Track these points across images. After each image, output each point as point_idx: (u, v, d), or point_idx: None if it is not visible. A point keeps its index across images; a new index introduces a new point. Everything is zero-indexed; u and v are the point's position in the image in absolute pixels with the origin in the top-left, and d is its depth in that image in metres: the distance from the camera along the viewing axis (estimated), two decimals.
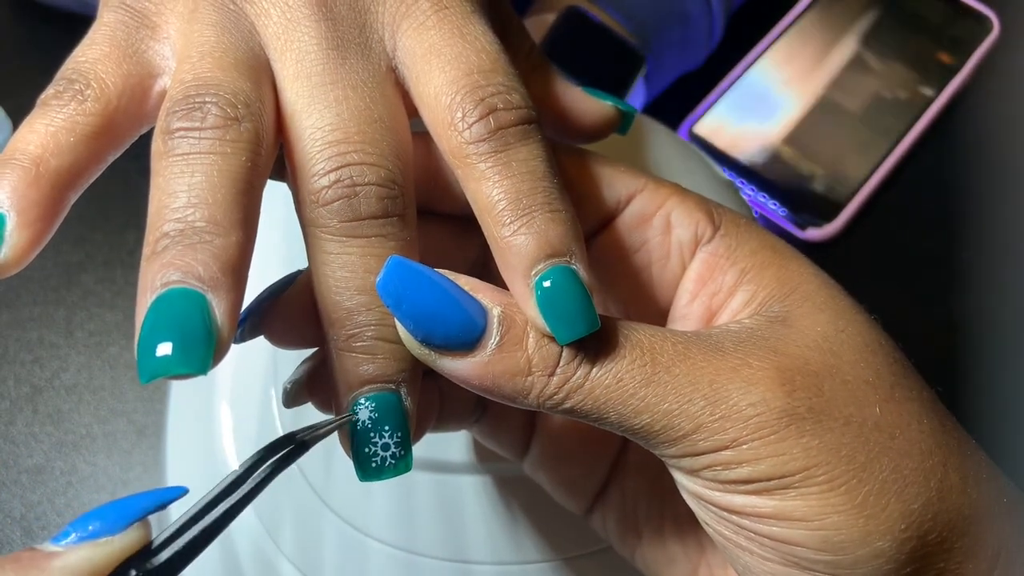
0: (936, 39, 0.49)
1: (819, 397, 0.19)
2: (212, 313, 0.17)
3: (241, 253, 0.18)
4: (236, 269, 0.18)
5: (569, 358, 0.19)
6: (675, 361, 0.19)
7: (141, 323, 0.17)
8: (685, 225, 0.22)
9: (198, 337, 0.17)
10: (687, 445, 0.19)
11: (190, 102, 0.19)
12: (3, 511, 0.38)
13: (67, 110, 0.19)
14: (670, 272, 0.23)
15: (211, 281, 0.17)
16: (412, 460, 0.19)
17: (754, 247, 0.22)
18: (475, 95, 0.19)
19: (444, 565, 0.29)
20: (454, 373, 0.19)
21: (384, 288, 0.19)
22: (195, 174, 0.18)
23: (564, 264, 0.19)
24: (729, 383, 0.19)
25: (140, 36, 0.20)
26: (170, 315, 0.17)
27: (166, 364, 0.17)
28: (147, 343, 0.17)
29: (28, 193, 0.18)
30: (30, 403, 0.41)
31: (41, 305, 0.43)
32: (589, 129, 0.24)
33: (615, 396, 0.19)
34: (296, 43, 0.20)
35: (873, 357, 0.20)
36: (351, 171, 0.19)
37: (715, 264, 0.22)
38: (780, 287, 0.21)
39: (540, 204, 0.19)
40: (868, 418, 0.19)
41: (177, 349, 0.17)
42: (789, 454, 0.19)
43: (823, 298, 0.21)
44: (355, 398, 0.19)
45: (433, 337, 0.19)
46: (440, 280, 0.19)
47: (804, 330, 0.20)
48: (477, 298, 0.19)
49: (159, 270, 0.17)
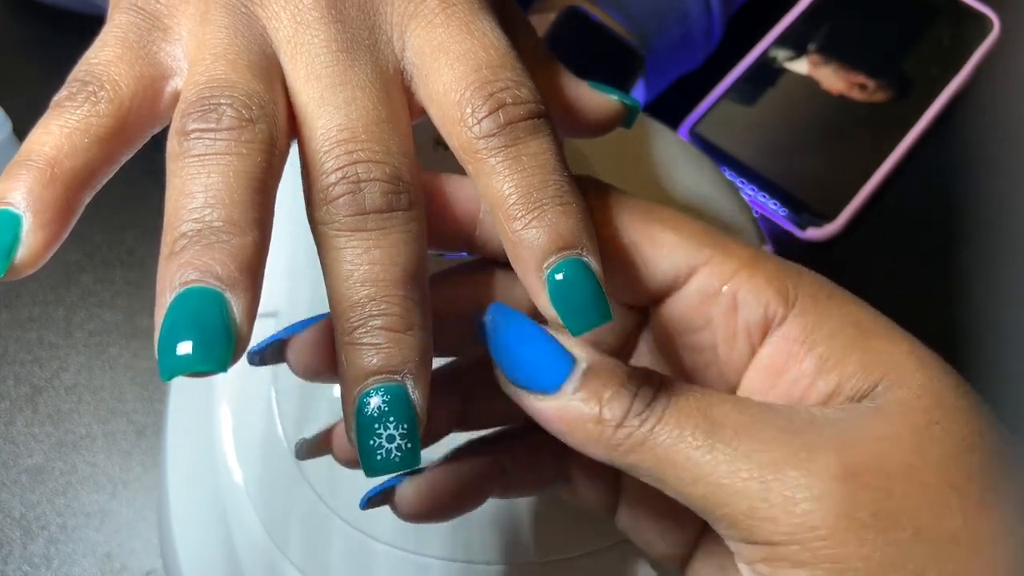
0: (936, 39, 0.49)
1: (888, 501, 0.17)
2: (231, 311, 0.17)
3: (257, 252, 0.18)
4: (253, 268, 0.18)
5: (638, 411, 0.19)
6: (738, 433, 0.18)
7: (161, 322, 0.17)
8: (753, 306, 0.20)
9: (218, 335, 0.17)
10: (743, 530, 0.18)
11: (205, 104, 0.19)
12: (3, 511, 0.38)
13: (81, 112, 0.19)
14: (737, 356, 0.21)
15: (229, 280, 0.18)
16: (420, 455, 0.19)
17: (833, 328, 0.20)
18: (484, 90, 0.20)
19: (450, 566, 0.29)
20: (534, 410, 0.20)
21: (484, 328, 0.20)
22: (212, 175, 0.18)
23: (576, 256, 0.19)
24: (791, 469, 0.17)
25: (152, 38, 0.20)
26: (189, 314, 0.17)
27: (187, 362, 0.17)
28: (167, 342, 0.17)
29: (43, 195, 0.18)
30: (30, 403, 0.41)
31: (41, 305, 0.43)
32: (595, 124, 0.24)
33: (673, 458, 0.18)
34: (306, 46, 0.20)
35: (968, 456, 0.18)
36: (357, 168, 0.19)
37: (789, 351, 0.20)
38: (866, 376, 0.19)
39: (551, 197, 0.19)
40: (945, 529, 0.17)
41: (197, 347, 0.17)
42: (847, 563, 0.17)
43: (920, 382, 0.19)
44: (361, 391, 0.19)
45: (519, 378, 0.20)
46: (533, 327, 0.20)
47: (891, 422, 0.18)
48: (567, 347, 0.20)
49: (177, 270, 0.18)
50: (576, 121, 0.24)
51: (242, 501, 0.30)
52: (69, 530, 0.38)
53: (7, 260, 0.18)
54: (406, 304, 0.19)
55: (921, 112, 0.47)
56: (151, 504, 0.38)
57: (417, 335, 0.19)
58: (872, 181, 0.45)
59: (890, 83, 0.48)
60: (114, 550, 0.37)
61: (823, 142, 0.46)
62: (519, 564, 0.29)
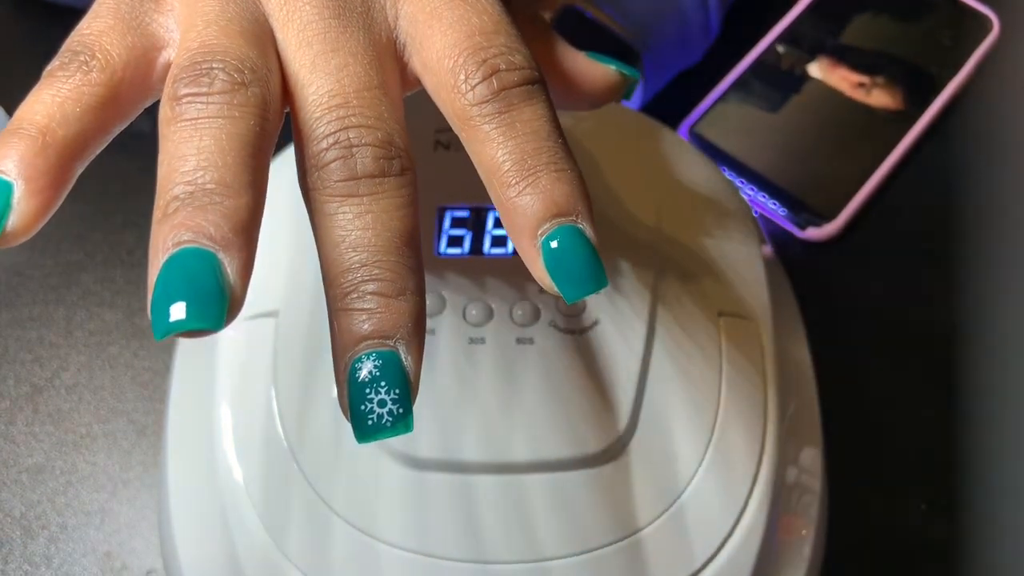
0: (936, 39, 0.49)
1: None
2: (224, 271, 0.17)
3: (251, 215, 0.18)
4: (247, 229, 0.18)
5: None
6: None
7: (154, 283, 0.17)
8: None
9: (211, 294, 0.17)
10: None
11: (197, 68, 0.19)
12: (3, 511, 0.38)
13: (72, 81, 0.19)
14: None
15: (222, 240, 0.18)
16: (412, 420, 0.19)
17: None
18: (477, 56, 0.20)
19: (451, 566, 0.29)
20: None
21: None
22: (204, 138, 0.18)
23: (571, 223, 0.19)
24: None
25: (144, 9, 0.21)
26: (183, 274, 0.17)
27: (180, 321, 0.17)
28: (160, 302, 0.17)
29: (35, 162, 0.18)
30: (30, 403, 0.41)
31: (41, 305, 0.43)
32: (593, 94, 0.24)
33: None
34: (298, 12, 0.20)
35: None
36: (349, 133, 0.19)
37: None
38: None
39: (545, 164, 0.19)
40: None
41: (191, 306, 0.17)
42: None
43: None
44: (352, 357, 0.19)
45: None
46: None
47: None
48: None
49: (170, 231, 0.18)
50: (574, 91, 0.24)
51: (242, 501, 0.30)
52: (69, 529, 0.38)
53: None
54: (399, 269, 0.19)
55: (921, 112, 0.47)
56: (151, 504, 0.38)
57: (410, 300, 0.19)
58: (872, 181, 0.45)
59: (890, 83, 0.48)
60: (114, 549, 0.37)
61: (823, 142, 0.46)
62: (519, 564, 0.29)
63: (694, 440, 0.30)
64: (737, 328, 0.33)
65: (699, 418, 0.31)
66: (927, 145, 0.47)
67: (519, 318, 0.31)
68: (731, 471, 0.30)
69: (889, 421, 0.40)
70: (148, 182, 0.19)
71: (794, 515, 0.32)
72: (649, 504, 0.30)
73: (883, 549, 0.37)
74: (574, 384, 0.30)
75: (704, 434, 0.31)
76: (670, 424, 0.30)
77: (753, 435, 0.31)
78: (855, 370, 0.41)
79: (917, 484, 0.38)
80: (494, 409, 0.30)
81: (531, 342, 0.31)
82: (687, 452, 0.30)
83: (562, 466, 0.29)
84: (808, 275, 0.41)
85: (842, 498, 0.35)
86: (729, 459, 0.30)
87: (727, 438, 0.31)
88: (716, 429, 0.31)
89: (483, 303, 0.31)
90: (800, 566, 0.32)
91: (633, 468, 0.30)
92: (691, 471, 0.30)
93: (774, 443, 0.31)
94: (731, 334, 0.33)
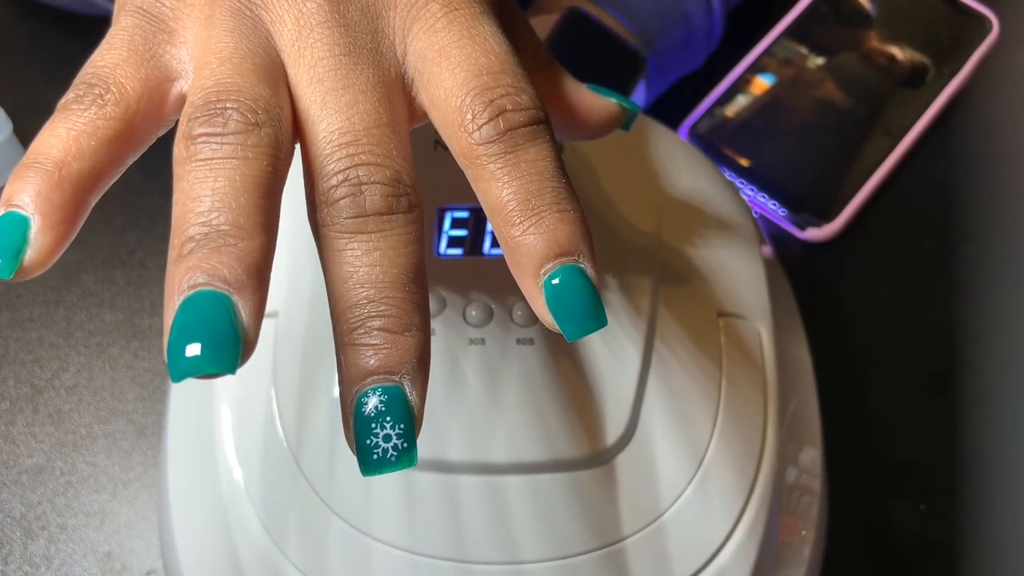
0: (936, 39, 0.49)
1: None
2: (238, 314, 0.18)
3: (264, 255, 0.19)
4: (260, 271, 0.18)
5: None
6: None
7: (170, 325, 0.18)
8: None
9: (226, 337, 0.17)
10: None
11: (211, 108, 0.19)
12: (3, 511, 0.38)
13: (88, 114, 0.19)
14: None
15: (236, 283, 0.18)
16: (416, 455, 0.19)
17: None
18: (484, 97, 0.20)
19: (450, 566, 0.29)
20: None
21: None
22: (218, 179, 0.18)
23: (572, 263, 0.20)
24: None
25: (157, 41, 0.21)
26: (198, 316, 0.17)
27: (196, 364, 0.17)
28: (177, 344, 0.17)
29: (52, 196, 0.19)
30: (30, 403, 0.41)
31: (41, 305, 0.43)
32: (594, 126, 0.24)
33: None
34: (310, 49, 0.21)
35: None
36: (359, 171, 0.19)
37: None
38: None
39: (549, 204, 0.20)
40: None
41: (206, 350, 0.17)
42: None
43: None
44: (359, 391, 0.19)
45: None
46: None
47: None
48: None
49: (185, 273, 0.18)
50: (575, 124, 0.24)
51: (242, 501, 0.30)
52: (69, 530, 0.38)
53: (16, 261, 0.19)
54: (405, 306, 0.19)
55: (921, 112, 0.47)
56: (151, 504, 0.38)
57: (415, 336, 0.19)
58: (872, 181, 0.45)
59: (890, 83, 0.48)
60: (114, 550, 0.37)
61: (823, 142, 0.46)
62: (519, 564, 0.29)
63: (694, 440, 0.30)
64: (737, 328, 0.33)
65: (699, 418, 0.31)
66: (927, 145, 0.47)
67: (519, 318, 0.31)
68: (731, 472, 0.30)
69: (889, 421, 0.40)
70: (148, 183, 0.19)
71: (794, 515, 0.32)
72: (649, 504, 0.30)
73: (883, 549, 0.37)
74: (574, 384, 0.30)
75: (704, 434, 0.31)
76: (670, 424, 0.30)
77: (753, 435, 0.31)
78: (855, 370, 0.41)
79: (917, 484, 0.38)
80: (495, 410, 0.30)
81: (531, 342, 0.31)
82: (687, 452, 0.30)
83: (568, 466, 0.29)
84: (808, 275, 0.41)
85: (842, 498, 0.35)
86: (729, 459, 0.30)
87: (727, 439, 0.31)
88: (716, 429, 0.31)
89: (483, 304, 0.31)
90: (800, 566, 0.32)
91: (634, 468, 0.30)
92: (691, 471, 0.30)
93: (774, 443, 0.31)
94: (731, 334, 0.33)
